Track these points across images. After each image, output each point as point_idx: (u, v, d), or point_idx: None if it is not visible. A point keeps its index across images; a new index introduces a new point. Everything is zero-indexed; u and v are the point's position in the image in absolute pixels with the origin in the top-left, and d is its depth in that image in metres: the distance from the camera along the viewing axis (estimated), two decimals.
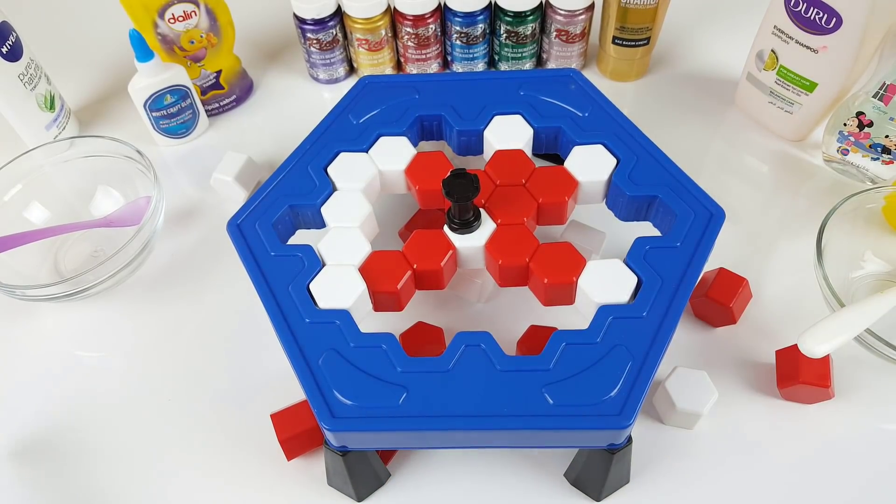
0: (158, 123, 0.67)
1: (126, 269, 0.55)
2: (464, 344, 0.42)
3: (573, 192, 0.49)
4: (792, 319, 0.53)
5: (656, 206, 0.49)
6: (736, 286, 0.51)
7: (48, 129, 0.67)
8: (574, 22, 0.67)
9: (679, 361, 0.49)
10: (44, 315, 0.58)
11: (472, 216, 0.47)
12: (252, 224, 0.49)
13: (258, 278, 0.46)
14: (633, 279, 0.44)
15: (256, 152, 0.67)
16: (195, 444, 0.50)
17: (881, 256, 0.55)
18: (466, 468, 0.48)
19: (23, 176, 0.61)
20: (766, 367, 0.51)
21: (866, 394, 0.49)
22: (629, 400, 0.39)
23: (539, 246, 0.46)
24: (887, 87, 0.54)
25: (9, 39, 0.61)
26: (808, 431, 0.48)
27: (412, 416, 0.40)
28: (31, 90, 0.64)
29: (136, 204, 0.60)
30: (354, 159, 0.52)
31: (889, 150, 0.57)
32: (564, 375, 0.41)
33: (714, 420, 0.49)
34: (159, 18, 0.63)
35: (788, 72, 0.60)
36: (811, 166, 0.63)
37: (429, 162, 0.51)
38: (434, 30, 0.69)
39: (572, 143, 0.52)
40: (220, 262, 0.59)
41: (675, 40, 0.75)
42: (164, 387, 0.53)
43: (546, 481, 0.47)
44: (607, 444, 0.41)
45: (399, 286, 0.46)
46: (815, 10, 0.55)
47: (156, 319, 0.57)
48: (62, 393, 0.53)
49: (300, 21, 0.68)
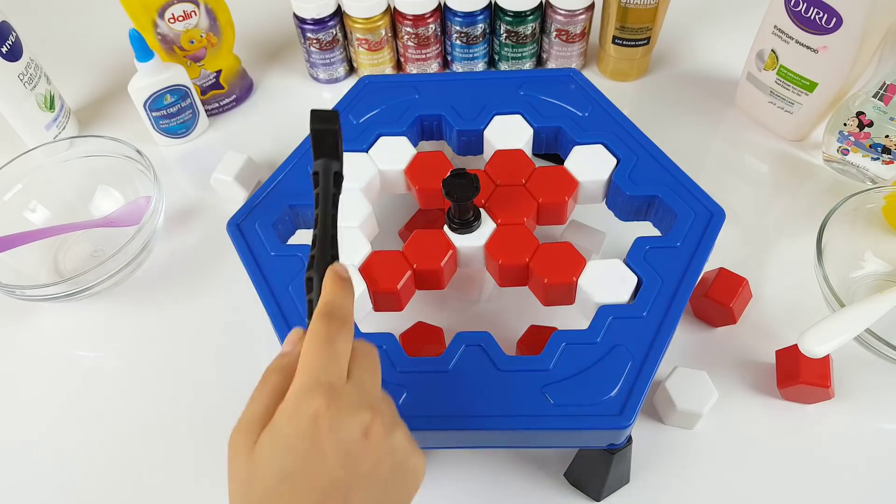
0: (158, 123, 0.67)
1: (126, 269, 0.55)
2: (464, 344, 0.42)
3: (573, 192, 0.49)
4: (792, 319, 0.53)
5: (656, 205, 0.49)
6: (736, 286, 0.51)
7: (48, 128, 0.67)
8: (574, 22, 0.67)
9: (679, 361, 0.49)
10: (44, 315, 0.58)
11: (472, 216, 0.47)
12: (252, 224, 0.49)
13: (258, 278, 0.46)
14: (633, 279, 0.44)
15: (256, 152, 0.67)
16: (195, 444, 0.50)
17: (881, 256, 0.55)
18: (466, 468, 0.48)
19: (23, 176, 0.61)
20: (766, 367, 0.51)
21: (866, 394, 0.49)
22: (629, 400, 0.39)
23: (539, 246, 0.46)
24: (887, 87, 0.54)
25: (9, 39, 0.61)
26: (808, 431, 0.48)
27: (412, 416, 0.39)
28: (31, 90, 0.64)
29: (136, 204, 0.60)
30: (354, 159, 0.52)
31: (889, 150, 0.57)
32: (564, 375, 0.41)
33: (714, 420, 0.49)
34: (159, 18, 0.63)
35: (788, 72, 0.60)
36: (811, 166, 0.63)
37: (429, 162, 0.51)
38: (434, 30, 0.69)
39: (572, 142, 0.52)
40: (220, 262, 0.59)
41: (675, 40, 0.75)
42: (164, 386, 0.53)
43: (546, 481, 0.47)
44: (607, 444, 0.41)
45: (399, 286, 0.46)
46: (815, 10, 0.55)
47: (156, 319, 0.57)
48: (62, 393, 0.53)
49: (300, 21, 0.68)
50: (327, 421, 0.29)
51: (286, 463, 0.28)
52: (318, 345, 0.30)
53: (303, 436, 0.28)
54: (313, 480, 0.28)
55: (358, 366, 0.31)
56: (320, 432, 0.28)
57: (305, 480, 0.28)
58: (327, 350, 0.30)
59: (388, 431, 0.30)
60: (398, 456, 0.31)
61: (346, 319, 0.32)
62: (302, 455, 0.28)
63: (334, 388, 0.29)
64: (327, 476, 0.28)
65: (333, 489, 0.29)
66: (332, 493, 0.28)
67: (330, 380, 0.29)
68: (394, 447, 0.31)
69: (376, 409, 0.30)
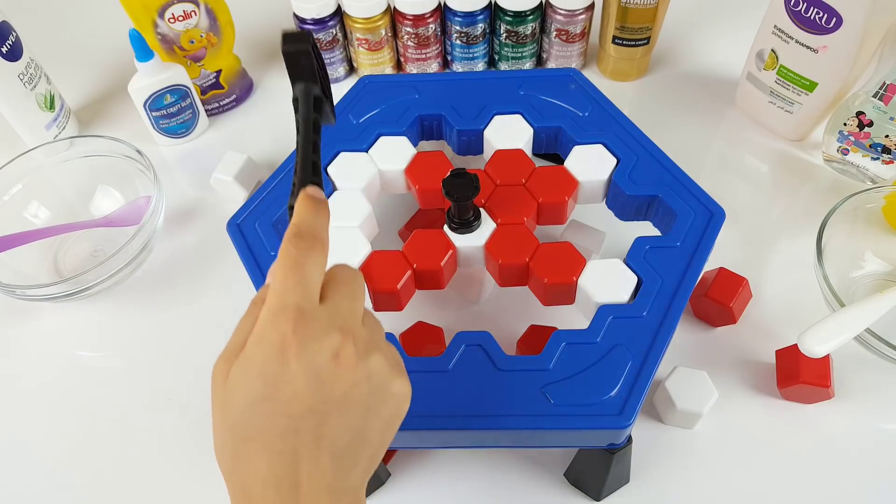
0: (158, 123, 0.67)
1: (126, 269, 0.55)
2: (464, 344, 0.42)
3: (573, 191, 0.49)
4: (792, 319, 0.53)
5: (656, 205, 0.49)
6: (736, 286, 0.51)
7: (48, 128, 0.67)
8: (574, 22, 0.67)
9: (679, 361, 0.49)
10: (44, 315, 0.58)
11: (471, 216, 0.47)
12: (252, 224, 0.49)
13: (258, 278, 0.46)
14: (633, 279, 0.44)
15: (256, 152, 0.67)
16: (194, 444, 0.50)
17: (881, 256, 0.55)
18: (466, 468, 0.48)
19: (23, 176, 0.61)
20: (766, 367, 0.51)
21: (866, 394, 0.49)
22: (629, 400, 0.39)
23: (539, 246, 0.46)
24: (887, 86, 0.54)
25: (9, 39, 0.61)
26: (808, 431, 0.48)
27: (412, 416, 0.39)
28: (31, 90, 0.64)
29: (136, 204, 0.60)
30: (354, 159, 0.52)
31: (889, 150, 0.57)
32: (564, 375, 0.41)
33: (714, 420, 0.49)
34: (159, 18, 0.63)
35: (788, 71, 0.60)
36: (811, 166, 0.63)
37: (429, 162, 0.51)
38: (434, 29, 0.69)
39: (572, 142, 0.52)
40: (220, 262, 0.59)
41: (675, 40, 0.75)
42: (164, 387, 0.53)
43: (546, 481, 0.47)
44: (607, 443, 0.41)
45: (399, 286, 0.46)
46: (815, 9, 0.55)
47: (156, 319, 0.57)
48: (62, 392, 0.53)
49: (300, 21, 0.68)
50: (294, 344, 0.28)
51: (255, 388, 0.28)
52: (286, 267, 0.29)
53: (270, 360, 0.28)
54: (284, 405, 0.28)
55: (335, 291, 0.30)
56: (287, 356, 0.28)
57: (275, 405, 0.28)
58: (295, 272, 0.29)
59: (362, 355, 0.29)
60: (376, 380, 0.30)
61: (316, 239, 0.30)
62: (270, 380, 0.28)
63: (302, 311, 0.28)
64: (297, 400, 0.28)
65: (306, 413, 0.28)
66: (304, 417, 0.28)
67: (298, 302, 0.28)
68: (369, 371, 0.29)
69: (349, 331, 0.29)
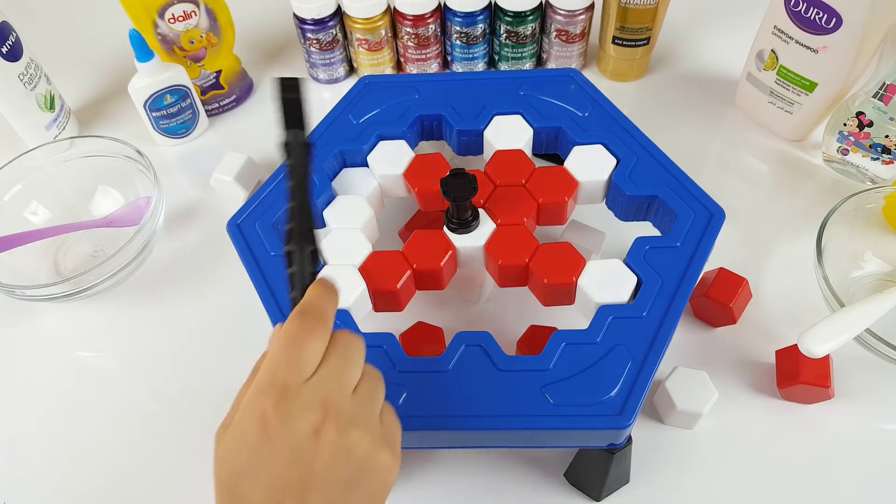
0: (158, 123, 0.67)
1: (126, 269, 0.55)
2: (464, 344, 0.42)
3: (573, 192, 0.49)
4: (792, 319, 0.53)
5: (656, 205, 0.49)
6: (736, 286, 0.51)
7: (48, 129, 0.67)
8: (574, 22, 0.67)
9: (679, 361, 0.49)
10: (44, 315, 0.58)
11: (470, 216, 0.47)
12: (252, 224, 0.49)
13: (258, 278, 0.46)
14: (633, 279, 0.44)
15: (256, 152, 0.67)
16: (194, 444, 0.50)
17: (881, 256, 0.55)
18: (466, 468, 0.48)
19: (23, 176, 0.61)
20: (766, 367, 0.51)
21: (866, 394, 0.49)
22: (629, 400, 0.39)
23: (539, 246, 0.46)
24: (887, 87, 0.54)
25: (9, 39, 0.61)
26: (808, 431, 0.48)
27: (412, 416, 0.40)
28: (31, 90, 0.64)
29: (136, 204, 0.60)
30: (355, 173, 0.52)
31: (889, 150, 0.57)
32: (564, 375, 0.41)
33: (714, 420, 0.49)
34: (159, 18, 0.63)
35: (788, 72, 0.60)
36: (811, 166, 0.63)
37: (427, 164, 0.51)
38: (434, 30, 0.69)
39: (572, 142, 0.52)
40: (220, 262, 0.59)
41: (675, 40, 0.75)
42: (164, 387, 0.53)
43: (546, 481, 0.47)
44: (607, 443, 0.41)
45: (399, 286, 0.46)
46: (815, 10, 0.55)
47: (156, 319, 0.57)
48: (62, 392, 0.53)
49: (300, 21, 0.68)
50: (276, 420, 0.29)
51: (237, 460, 0.29)
52: (283, 344, 0.30)
53: (251, 433, 0.29)
54: (265, 478, 0.29)
55: (328, 358, 0.31)
56: (269, 431, 0.29)
57: (257, 479, 0.29)
58: (290, 350, 0.30)
59: (343, 429, 0.30)
60: (358, 453, 0.30)
61: (319, 320, 0.31)
62: (251, 453, 0.29)
63: (286, 389, 0.29)
64: (278, 474, 0.29)
65: (287, 488, 0.29)
66: (285, 491, 0.29)
67: (285, 380, 0.29)
68: (349, 445, 0.30)
69: (331, 406, 0.30)
